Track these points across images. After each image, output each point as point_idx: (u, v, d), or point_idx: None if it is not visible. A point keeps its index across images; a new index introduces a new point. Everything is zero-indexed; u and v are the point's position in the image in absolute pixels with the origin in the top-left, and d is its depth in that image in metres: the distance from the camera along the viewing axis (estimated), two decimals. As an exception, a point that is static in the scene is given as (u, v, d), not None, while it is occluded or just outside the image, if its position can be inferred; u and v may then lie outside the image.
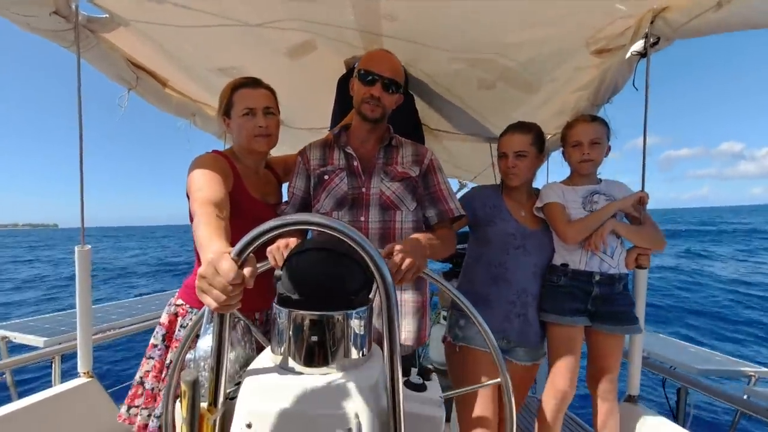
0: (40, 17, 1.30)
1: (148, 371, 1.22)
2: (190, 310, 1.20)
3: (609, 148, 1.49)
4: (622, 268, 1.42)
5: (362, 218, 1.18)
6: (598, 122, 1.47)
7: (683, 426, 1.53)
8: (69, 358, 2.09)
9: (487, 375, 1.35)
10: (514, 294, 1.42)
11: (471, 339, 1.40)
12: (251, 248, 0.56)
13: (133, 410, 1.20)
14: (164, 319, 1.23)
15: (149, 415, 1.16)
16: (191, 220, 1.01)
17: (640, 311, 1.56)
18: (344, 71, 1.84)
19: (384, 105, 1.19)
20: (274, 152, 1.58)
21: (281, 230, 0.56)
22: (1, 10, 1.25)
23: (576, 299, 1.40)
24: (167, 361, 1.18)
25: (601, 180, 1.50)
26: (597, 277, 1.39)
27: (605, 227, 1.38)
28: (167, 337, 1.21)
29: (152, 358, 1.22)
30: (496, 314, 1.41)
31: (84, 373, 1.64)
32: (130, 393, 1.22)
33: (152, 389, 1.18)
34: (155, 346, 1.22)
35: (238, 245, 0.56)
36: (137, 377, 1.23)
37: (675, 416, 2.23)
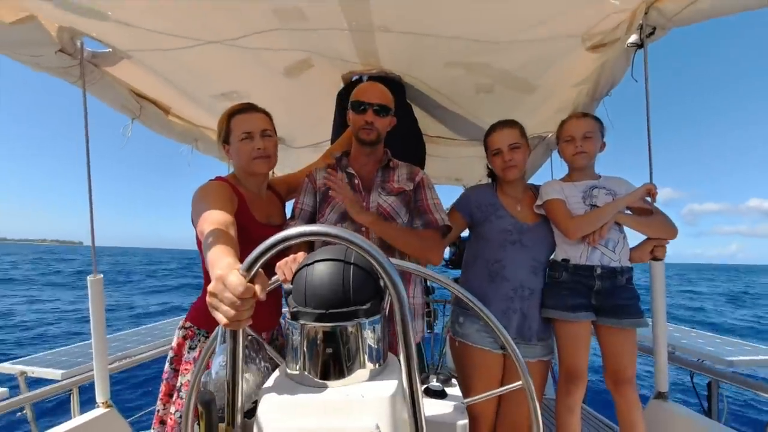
0: (47, 56, 1.35)
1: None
2: (197, 331, 1.20)
3: (604, 144, 1.52)
4: (625, 261, 1.41)
5: (363, 229, 1.26)
6: (590, 117, 1.51)
7: (718, 421, 1.47)
8: (87, 389, 2.09)
9: (486, 372, 1.42)
10: (511, 290, 1.43)
11: (468, 336, 1.46)
12: (260, 262, 0.56)
13: None
14: (174, 342, 1.24)
15: None
16: (199, 246, 1.02)
17: (660, 304, 1.52)
18: (342, 85, 1.87)
19: (378, 128, 1.30)
20: (278, 174, 1.60)
21: (290, 242, 0.56)
22: (9, 52, 1.30)
23: (579, 294, 1.40)
24: (178, 384, 1.18)
25: (600, 176, 1.51)
26: (598, 271, 1.39)
27: (609, 222, 1.38)
28: (175, 360, 1.21)
29: (163, 381, 1.23)
30: (494, 311, 1.41)
31: (102, 403, 1.64)
32: (153, 421, 1.23)
33: (158, 411, 1.19)
34: (167, 369, 1.23)
35: (248, 260, 0.57)
36: (158, 408, 1.23)
37: (708, 411, 2.14)
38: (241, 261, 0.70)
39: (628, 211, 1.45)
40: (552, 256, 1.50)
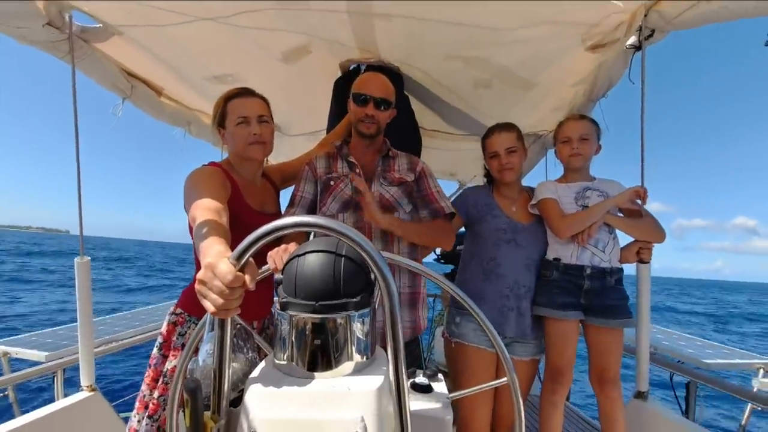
0: (33, 29, 1.30)
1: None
2: (188, 318, 1.20)
3: (599, 147, 1.54)
4: (615, 262, 1.44)
5: (365, 219, 1.25)
6: (587, 120, 1.54)
7: (694, 421, 1.51)
8: (72, 372, 2.07)
9: (480, 369, 1.43)
10: (506, 287, 1.45)
11: (465, 336, 1.45)
12: (250, 251, 0.56)
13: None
14: (164, 328, 1.23)
15: (139, 421, 1.16)
16: (191, 232, 1.01)
17: (645, 305, 1.54)
18: (340, 73, 1.84)
19: (378, 121, 1.31)
20: (272, 162, 1.58)
21: (280, 233, 0.55)
22: None
23: (569, 293, 1.42)
24: (164, 370, 1.18)
25: (594, 178, 1.54)
26: (588, 271, 1.41)
27: (598, 222, 1.40)
28: (164, 346, 1.21)
29: (150, 366, 1.23)
30: (490, 309, 1.44)
31: (87, 386, 1.62)
32: (137, 405, 1.23)
33: (143, 396, 1.18)
34: (155, 355, 1.23)
35: (238, 248, 0.56)
36: (144, 391, 1.23)
37: (685, 411, 2.20)
38: (234, 248, 0.69)
39: (620, 214, 1.47)
40: (545, 257, 1.51)
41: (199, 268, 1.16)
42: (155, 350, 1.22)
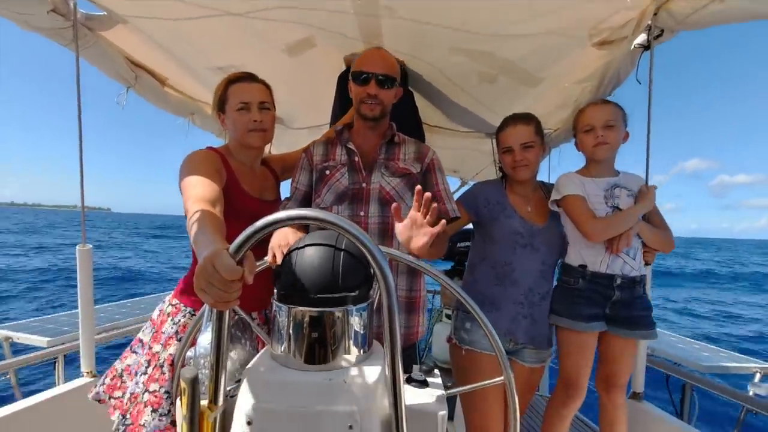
0: (38, 15, 1.30)
1: (129, 365, 1.19)
2: (183, 308, 1.18)
3: (627, 135, 1.37)
4: (642, 269, 1.34)
5: (362, 213, 1.19)
6: (611, 104, 1.36)
7: (688, 422, 1.52)
8: (72, 358, 2.09)
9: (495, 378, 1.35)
10: (521, 294, 1.36)
11: (477, 342, 1.35)
12: (249, 244, 0.56)
13: (114, 401, 1.16)
14: (156, 316, 1.20)
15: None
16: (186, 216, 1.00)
17: None
18: (344, 68, 1.83)
19: (382, 101, 1.19)
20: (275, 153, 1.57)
21: (280, 226, 0.55)
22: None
23: (594, 304, 1.31)
24: (145, 358, 1.15)
25: (618, 172, 1.40)
26: (618, 281, 1.30)
27: (633, 229, 1.28)
28: (155, 337, 1.17)
29: (136, 353, 1.19)
30: (503, 316, 1.36)
31: (87, 372, 1.64)
32: (109, 383, 1.19)
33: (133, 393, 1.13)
34: (141, 341, 1.19)
35: (236, 241, 0.56)
36: (118, 368, 1.20)
37: (680, 413, 2.21)
38: (229, 234, 0.69)
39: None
40: (566, 260, 1.40)
41: (195, 258, 1.16)
42: (146, 338, 1.19)
